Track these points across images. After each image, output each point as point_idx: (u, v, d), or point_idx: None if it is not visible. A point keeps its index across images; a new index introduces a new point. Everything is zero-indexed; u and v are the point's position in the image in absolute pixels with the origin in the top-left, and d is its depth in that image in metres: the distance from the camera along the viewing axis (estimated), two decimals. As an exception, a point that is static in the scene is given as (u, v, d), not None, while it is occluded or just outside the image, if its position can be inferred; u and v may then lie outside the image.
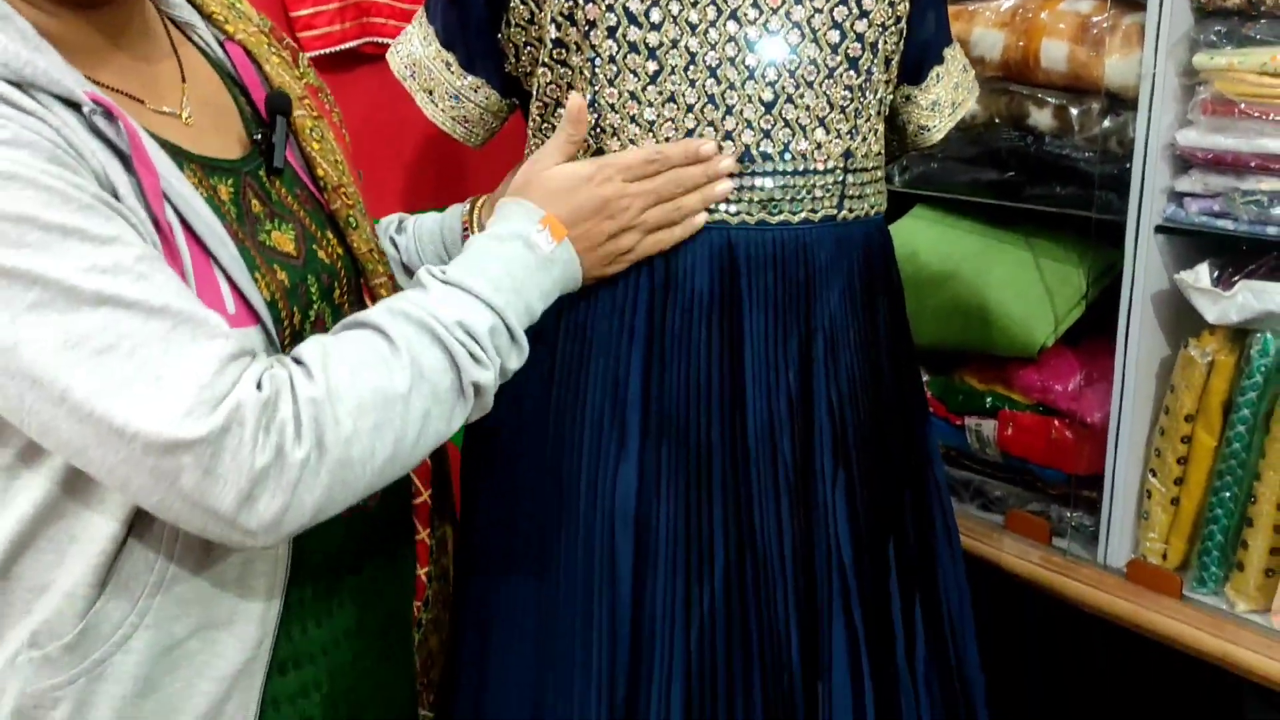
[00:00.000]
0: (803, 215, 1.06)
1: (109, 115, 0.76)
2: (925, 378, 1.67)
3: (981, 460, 1.63)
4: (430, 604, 1.17)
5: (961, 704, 1.31)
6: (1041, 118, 1.45)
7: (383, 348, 0.82)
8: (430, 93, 1.16)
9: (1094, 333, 1.47)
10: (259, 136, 0.93)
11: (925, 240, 1.65)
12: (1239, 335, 1.29)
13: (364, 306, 0.98)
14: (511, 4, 1.07)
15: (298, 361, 0.80)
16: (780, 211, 1.06)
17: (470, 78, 1.13)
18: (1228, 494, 1.30)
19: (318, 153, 0.97)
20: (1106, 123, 1.37)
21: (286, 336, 0.88)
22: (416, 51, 1.16)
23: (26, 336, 0.71)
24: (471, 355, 0.85)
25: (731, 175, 1.04)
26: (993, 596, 1.50)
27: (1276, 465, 1.24)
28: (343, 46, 1.48)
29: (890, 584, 1.17)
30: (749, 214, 1.05)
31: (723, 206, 1.04)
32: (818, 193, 1.06)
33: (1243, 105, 1.21)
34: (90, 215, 0.72)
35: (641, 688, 1.03)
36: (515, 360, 0.91)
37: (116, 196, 0.76)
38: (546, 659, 1.09)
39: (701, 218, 1.03)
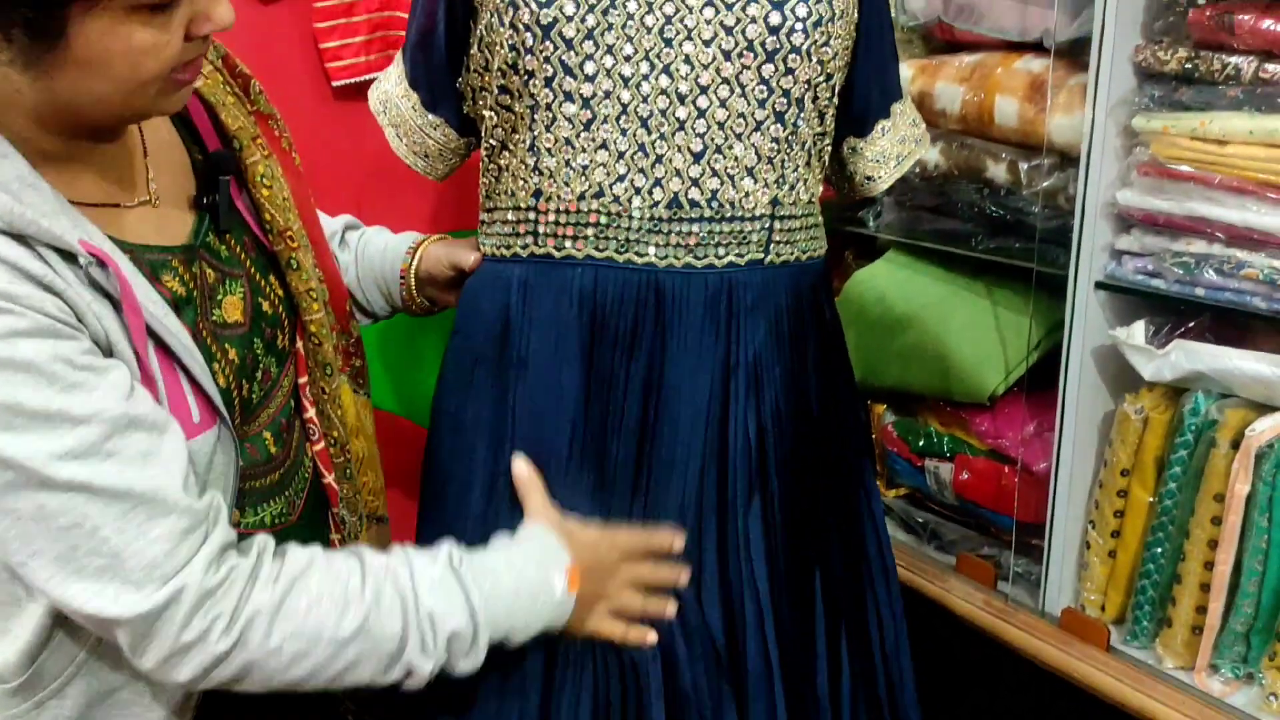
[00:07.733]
0: (728, 259, 1.11)
1: (102, 264, 0.83)
2: (891, 418, 1.71)
3: (939, 503, 1.65)
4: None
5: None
6: (997, 171, 1.48)
7: (353, 588, 0.91)
8: (397, 128, 1.23)
9: (1046, 384, 1.49)
10: (206, 201, 0.98)
11: (893, 284, 1.69)
12: (1174, 393, 1.30)
13: (302, 342, 1.04)
14: (471, 51, 1.13)
15: (277, 557, 0.89)
16: (706, 255, 1.10)
17: (431, 116, 1.20)
18: (1160, 550, 1.32)
19: (266, 199, 1.02)
20: (1053, 179, 1.40)
21: (237, 410, 0.95)
22: (390, 89, 1.23)
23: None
24: (422, 642, 0.93)
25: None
26: (940, 637, 1.53)
27: (1204, 523, 1.26)
28: (368, 77, 1.55)
29: (816, 611, 1.20)
30: (676, 257, 1.10)
31: (651, 250, 1.09)
32: (744, 238, 1.11)
33: (1175, 168, 1.23)
34: (74, 394, 0.79)
35: None
36: (466, 663, 0.96)
37: (111, 348, 0.84)
38: None
39: (651, 635, 1.09)
